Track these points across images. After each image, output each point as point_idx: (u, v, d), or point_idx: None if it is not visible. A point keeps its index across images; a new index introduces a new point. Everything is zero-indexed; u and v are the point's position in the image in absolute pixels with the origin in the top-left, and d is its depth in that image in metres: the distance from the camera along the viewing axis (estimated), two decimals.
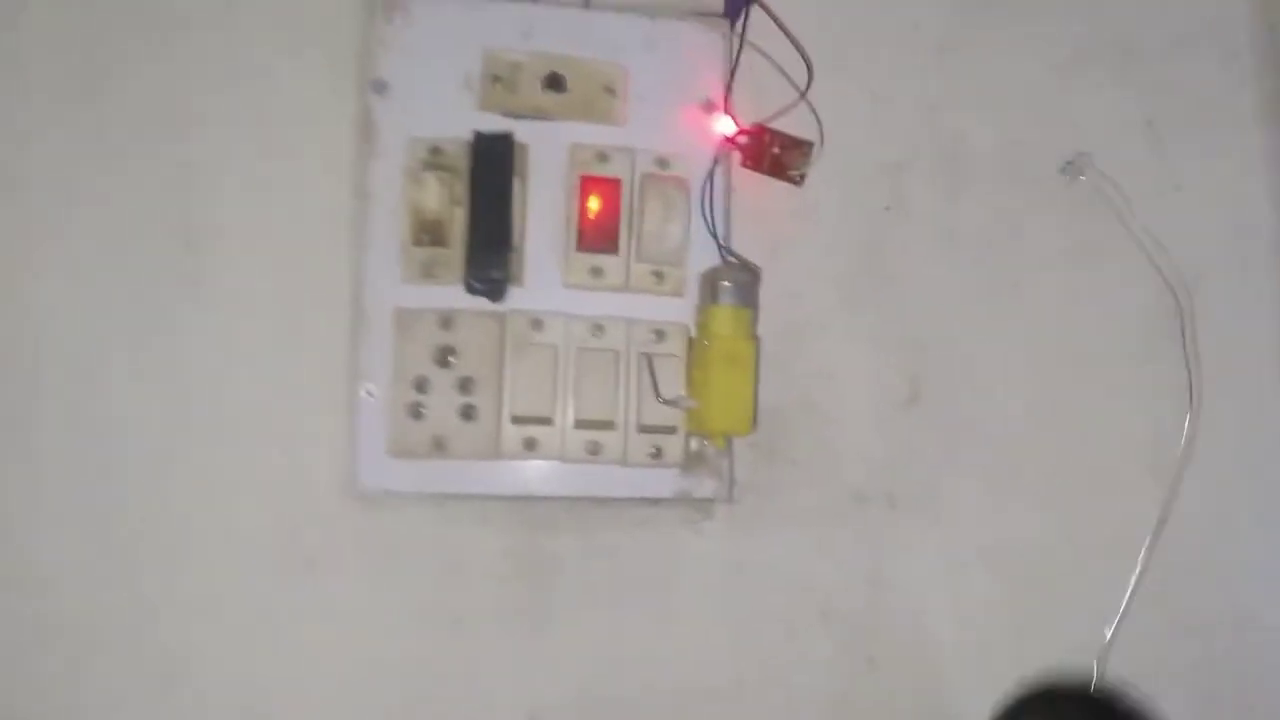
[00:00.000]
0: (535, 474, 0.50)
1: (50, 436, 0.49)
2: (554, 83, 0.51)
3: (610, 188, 0.50)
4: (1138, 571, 0.56)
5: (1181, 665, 0.56)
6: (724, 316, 0.49)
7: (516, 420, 0.49)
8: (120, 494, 0.50)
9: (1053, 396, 0.57)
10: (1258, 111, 0.61)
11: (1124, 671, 0.55)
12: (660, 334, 0.50)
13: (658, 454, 0.50)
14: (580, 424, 0.49)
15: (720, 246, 0.52)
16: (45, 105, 0.51)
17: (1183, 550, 0.56)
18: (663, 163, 0.51)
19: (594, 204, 0.50)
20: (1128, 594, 0.55)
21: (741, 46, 0.53)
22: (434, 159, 0.49)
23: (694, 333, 0.51)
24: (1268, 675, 0.58)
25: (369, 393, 0.49)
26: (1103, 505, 0.57)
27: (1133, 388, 0.58)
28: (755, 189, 0.54)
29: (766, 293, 0.53)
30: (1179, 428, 0.57)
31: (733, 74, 0.53)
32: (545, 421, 0.49)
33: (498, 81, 0.50)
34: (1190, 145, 0.60)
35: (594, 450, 0.49)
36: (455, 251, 0.49)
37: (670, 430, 0.50)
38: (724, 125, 0.52)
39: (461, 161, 0.49)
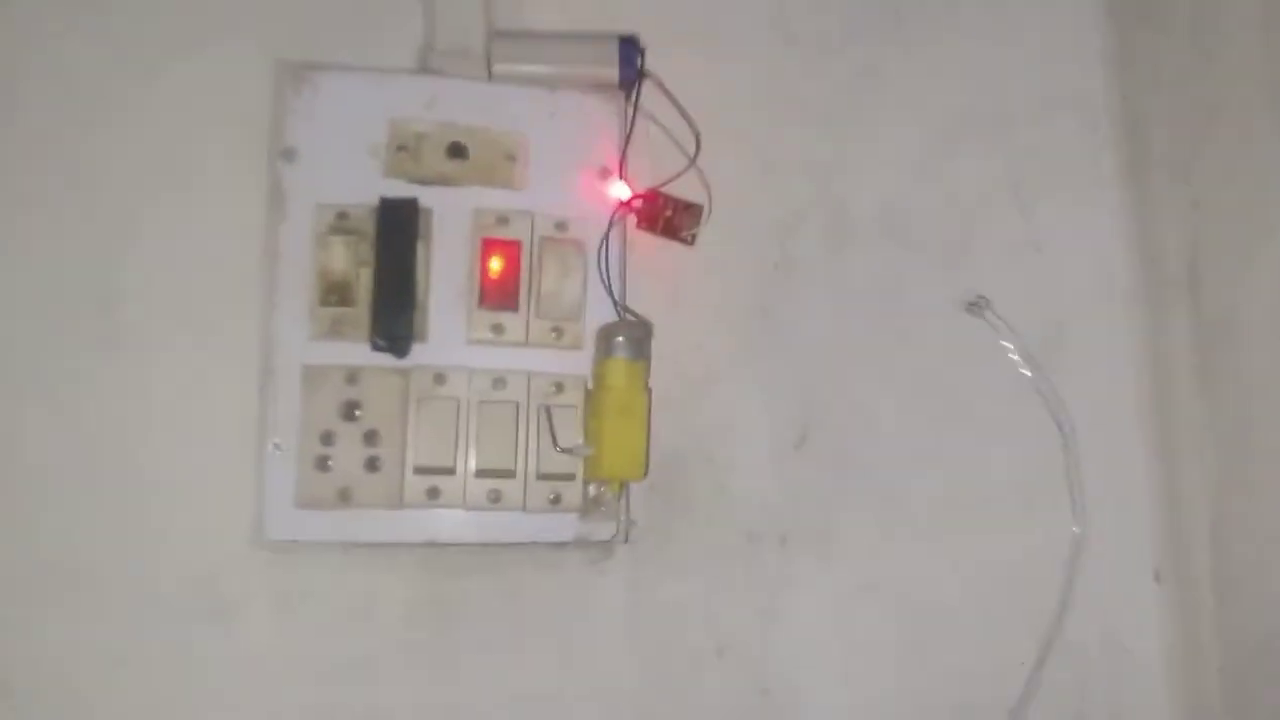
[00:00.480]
0: (439, 522, 0.52)
1: None
2: (457, 151, 0.54)
3: (511, 249, 0.53)
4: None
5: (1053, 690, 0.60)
6: (618, 369, 0.52)
7: (420, 470, 0.51)
8: (32, 545, 0.51)
9: (935, 438, 0.61)
10: (1115, 173, 0.66)
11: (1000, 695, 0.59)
12: (559, 386, 0.53)
13: (557, 500, 0.53)
14: (482, 473, 0.52)
15: (615, 303, 0.55)
16: None
17: (1048, 578, 0.61)
18: (561, 225, 0.55)
19: (495, 264, 0.53)
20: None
21: (635, 117, 0.57)
22: (341, 223, 0.52)
23: (590, 384, 0.54)
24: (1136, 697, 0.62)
25: (276, 446, 0.51)
26: (982, 540, 0.60)
27: (1009, 429, 0.62)
28: (650, 249, 0.58)
29: (664, 344, 0.56)
30: (1051, 467, 0.62)
31: (627, 142, 0.56)
32: (448, 471, 0.51)
33: (403, 150, 0.53)
34: (1052, 206, 0.65)
35: (495, 498, 0.52)
36: (361, 310, 0.51)
37: (569, 477, 0.53)
38: (619, 190, 0.56)
39: (367, 225, 0.52)
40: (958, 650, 0.59)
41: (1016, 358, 0.61)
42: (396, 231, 0.51)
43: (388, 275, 0.51)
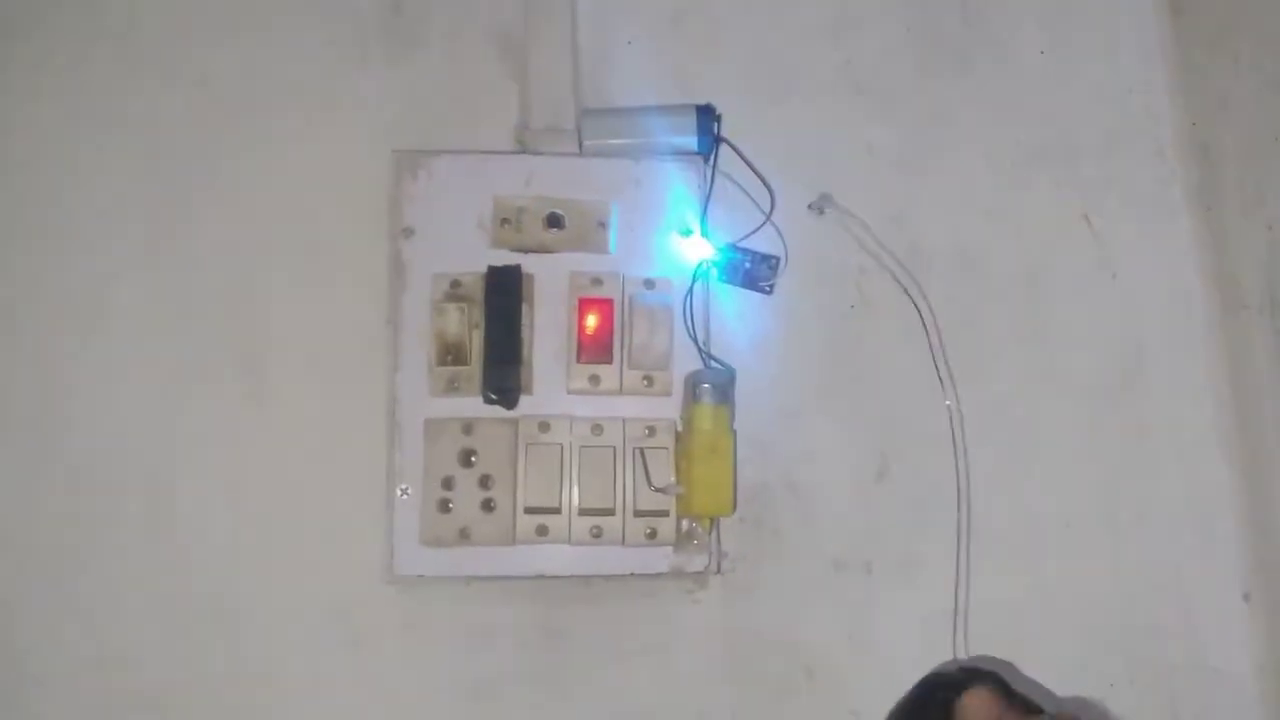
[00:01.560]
0: (547, 556, 0.57)
1: (132, 536, 0.58)
2: (554, 221, 0.60)
3: (605, 307, 0.59)
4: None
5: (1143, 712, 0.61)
6: (705, 414, 0.56)
7: (529, 510, 0.57)
8: (193, 585, 0.58)
9: (1008, 465, 0.63)
10: (1186, 200, 0.67)
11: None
12: (651, 430, 0.58)
13: (653, 534, 0.57)
14: (584, 511, 0.57)
15: (701, 352, 0.59)
16: (126, 251, 0.61)
17: (1137, 603, 0.62)
18: (649, 283, 0.60)
19: (591, 321, 0.59)
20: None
21: (714, 179, 0.61)
22: (454, 291, 0.58)
23: (680, 427, 0.59)
24: None
25: (404, 491, 0.57)
26: (1065, 564, 0.62)
27: (1086, 454, 0.64)
28: (731, 299, 0.62)
29: (749, 386, 0.60)
30: (1129, 487, 0.63)
31: (707, 203, 0.61)
32: (554, 511, 0.57)
33: (506, 223, 0.59)
34: (1125, 234, 0.67)
35: (597, 534, 0.57)
36: (474, 368, 0.57)
37: (663, 514, 0.57)
38: (701, 247, 0.61)
39: (477, 292, 0.58)
40: (1045, 674, 0.61)
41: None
42: (503, 296, 0.57)
43: (496, 335, 0.57)
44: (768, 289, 0.62)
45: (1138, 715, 0.61)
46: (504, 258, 0.59)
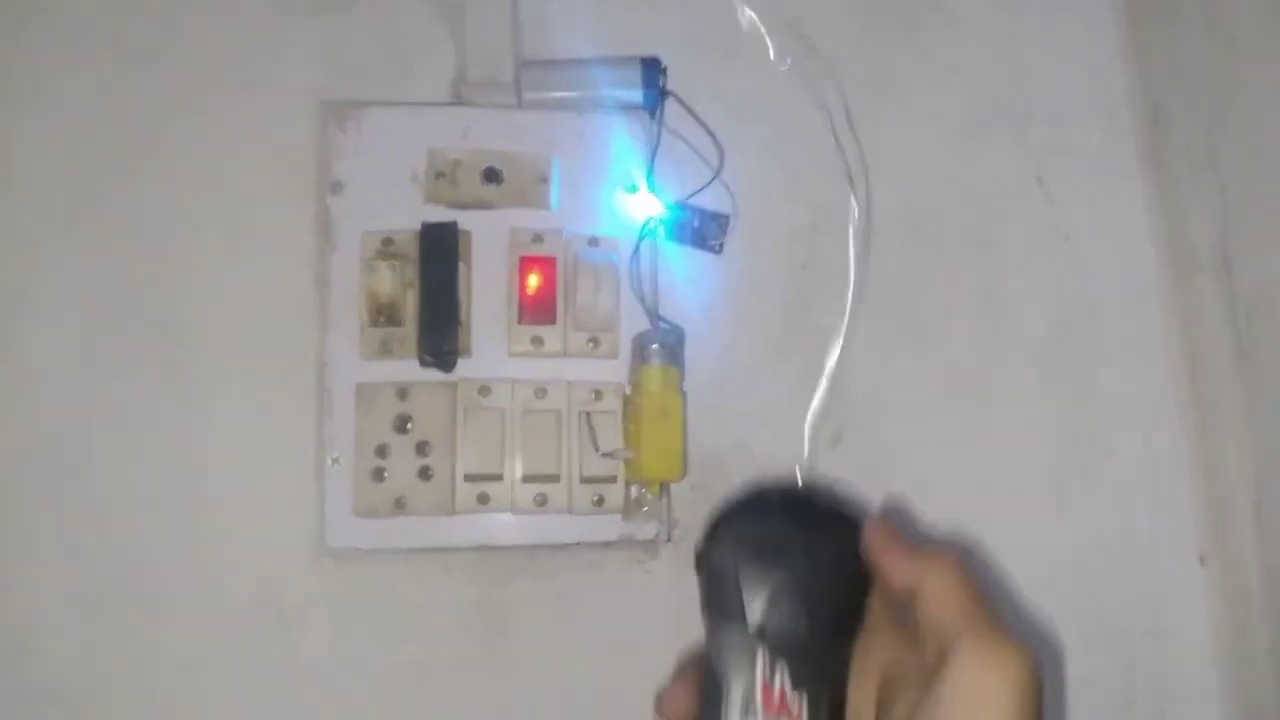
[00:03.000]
0: (489, 526, 0.55)
1: (40, 514, 0.54)
2: (491, 175, 0.57)
3: (546, 265, 0.56)
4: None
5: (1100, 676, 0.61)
6: (654, 375, 0.54)
7: (469, 478, 0.54)
8: (108, 565, 0.54)
9: (963, 430, 0.62)
10: (1139, 161, 0.67)
11: None
12: (598, 393, 0.56)
13: (600, 502, 0.55)
14: (528, 478, 0.54)
15: (649, 312, 0.57)
16: (36, 216, 0.57)
17: (1091, 567, 0.61)
18: (593, 241, 0.57)
19: (533, 281, 0.56)
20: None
21: (660, 134, 0.59)
22: (386, 249, 0.55)
23: (628, 390, 0.56)
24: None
25: (335, 460, 0.54)
26: (1019, 531, 0.61)
27: (1038, 417, 0.63)
28: (679, 259, 0.60)
29: (698, 349, 0.59)
30: (1082, 450, 0.62)
31: (653, 158, 0.59)
32: (496, 478, 0.54)
33: (441, 177, 0.57)
34: (1078, 196, 0.66)
35: (541, 501, 0.54)
36: (409, 330, 0.54)
37: (611, 480, 0.55)
38: (647, 204, 0.58)
39: (411, 249, 0.55)
40: None
41: None
42: (438, 254, 0.54)
43: (432, 295, 0.54)
44: (717, 248, 0.60)
45: (1094, 679, 0.60)
46: (439, 214, 0.56)
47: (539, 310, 0.56)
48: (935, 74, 0.66)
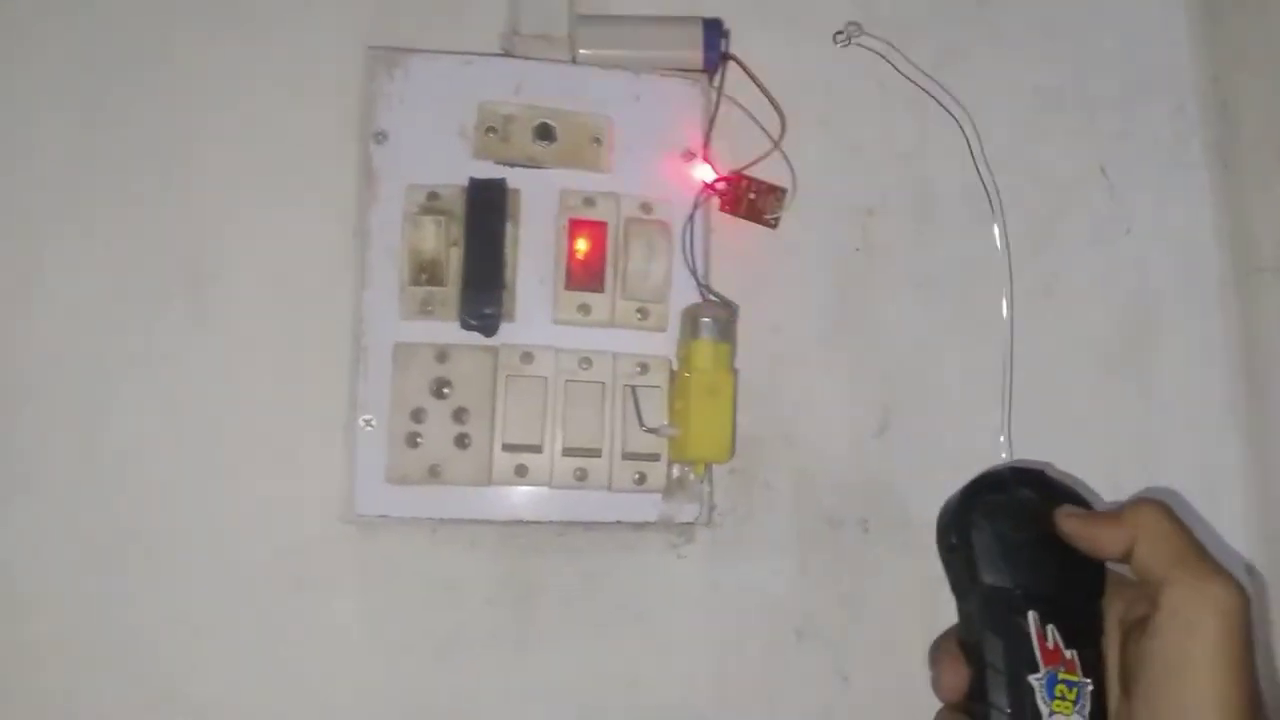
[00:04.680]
0: (525, 499, 0.52)
1: (54, 465, 0.52)
2: (544, 133, 0.54)
3: (597, 230, 0.54)
4: None
5: None
6: (704, 351, 0.52)
7: (508, 448, 0.52)
8: (123, 520, 0.52)
9: (1017, 424, 0.60)
10: (1205, 156, 0.64)
11: None
12: (644, 367, 0.53)
13: (641, 480, 0.53)
14: (568, 451, 0.52)
15: (700, 285, 0.55)
16: (55, 148, 0.54)
17: None
18: (646, 207, 0.55)
19: (582, 245, 0.53)
20: None
21: (719, 100, 0.57)
22: (431, 204, 0.52)
23: (675, 366, 0.54)
24: None
25: (368, 422, 0.51)
26: None
27: (1092, 414, 0.61)
28: (733, 232, 0.58)
29: (747, 327, 0.56)
30: (1135, 450, 0.60)
31: (711, 125, 0.56)
32: (535, 449, 0.52)
33: (491, 132, 0.54)
34: (1141, 188, 0.64)
35: (581, 476, 0.52)
36: (451, 290, 0.52)
37: (654, 458, 0.53)
38: (703, 173, 0.56)
39: (457, 206, 0.52)
40: None
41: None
42: (486, 211, 0.52)
43: (477, 254, 0.51)
44: (773, 222, 0.58)
45: None
46: (487, 170, 0.53)
47: (587, 276, 0.53)
48: (1002, 51, 0.63)
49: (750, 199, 0.57)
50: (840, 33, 0.59)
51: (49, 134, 0.54)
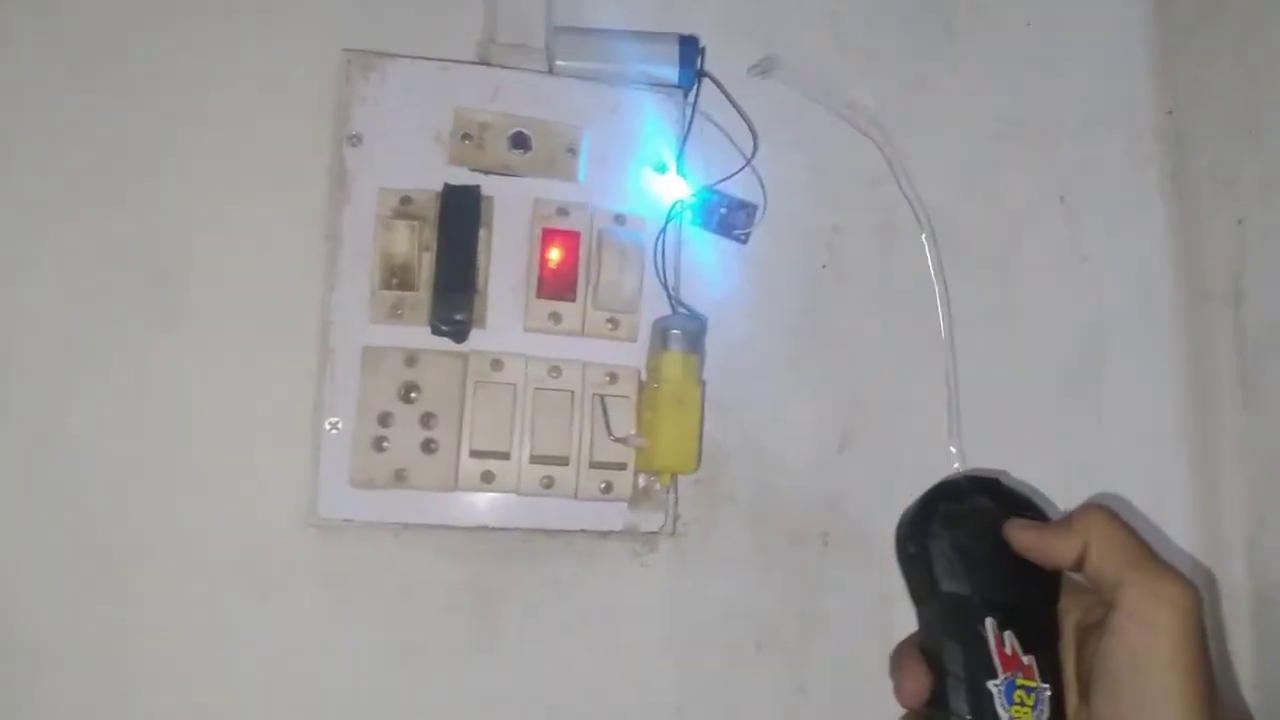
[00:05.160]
0: (491, 505, 0.52)
1: (14, 468, 0.51)
2: (519, 141, 0.55)
3: (570, 240, 0.54)
4: None
5: None
6: (673, 362, 0.52)
7: (475, 454, 0.52)
8: (82, 521, 0.51)
9: (972, 443, 0.61)
10: (1160, 187, 0.66)
11: None
12: (613, 376, 0.54)
13: (608, 489, 0.53)
14: (536, 459, 0.52)
15: (671, 297, 0.55)
16: (25, 147, 0.53)
17: None
18: (619, 219, 0.55)
19: (554, 254, 0.54)
20: None
21: (694, 116, 0.57)
22: (404, 208, 0.52)
23: (645, 376, 0.54)
24: None
25: (334, 425, 0.51)
26: None
27: (1043, 437, 0.62)
28: (704, 246, 0.58)
29: (714, 341, 0.57)
30: (1085, 473, 0.62)
31: (685, 140, 0.57)
32: (502, 456, 0.52)
33: (467, 138, 0.54)
34: (1098, 217, 0.66)
35: (548, 484, 0.52)
36: (422, 295, 0.52)
37: (621, 467, 0.53)
38: (676, 186, 0.56)
39: (430, 211, 0.52)
40: None
41: None
42: (459, 217, 0.52)
43: (449, 260, 0.51)
44: (743, 237, 0.59)
45: None
46: (462, 176, 0.53)
47: (559, 285, 0.54)
48: (968, 80, 0.65)
49: (722, 214, 0.58)
50: (755, 66, 0.60)
51: (19, 133, 0.53)
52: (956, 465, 0.58)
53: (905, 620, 0.58)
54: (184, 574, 0.51)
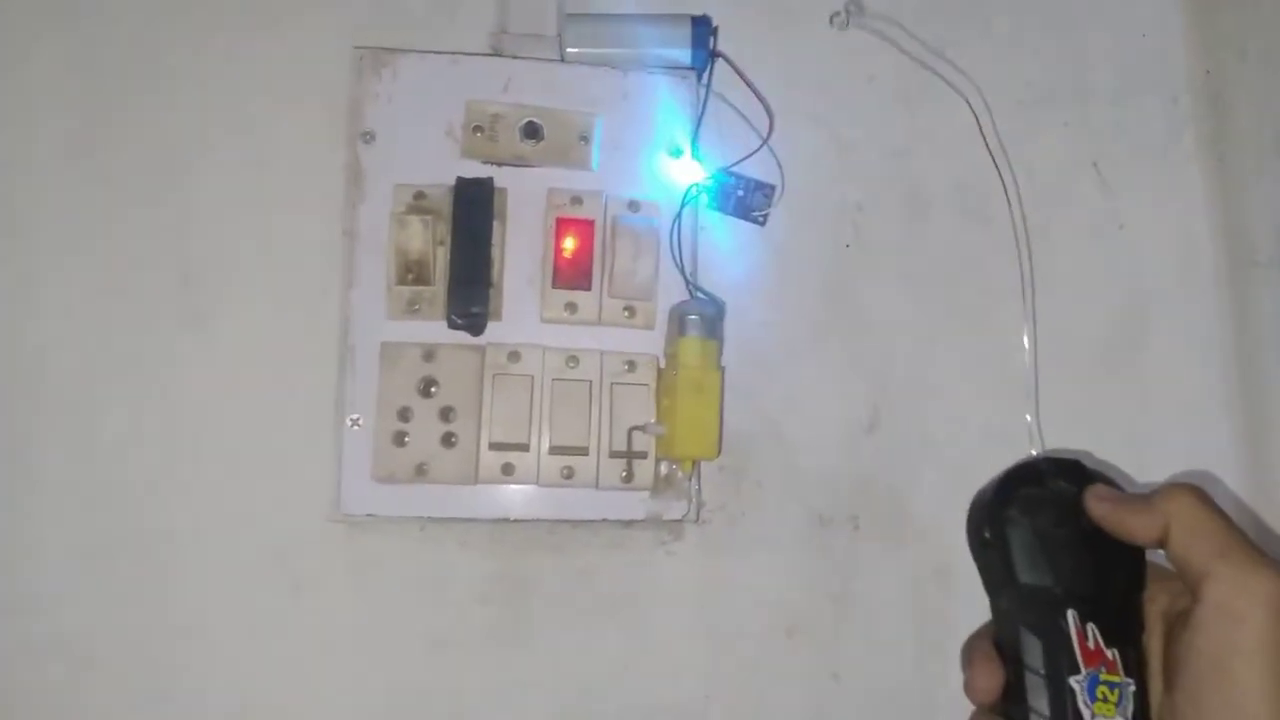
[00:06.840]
0: (512, 498, 0.52)
1: (48, 464, 0.52)
2: (532, 131, 0.54)
3: (584, 228, 0.54)
4: None
5: None
6: (691, 348, 0.52)
7: (495, 447, 0.52)
8: (115, 519, 0.52)
9: (1005, 420, 0.60)
10: (1198, 150, 0.64)
11: None
12: (631, 365, 0.53)
13: (629, 477, 0.53)
14: (555, 450, 0.52)
15: (688, 283, 0.55)
16: (50, 151, 0.54)
17: None
18: (634, 205, 0.55)
19: (569, 244, 0.53)
20: None
21: (707, 97, 0.56)
22: (418, 203, 0.52)
23: (663, 363, 0.54)
24: None
25: (355, 421, 0.52)
26: None
27: (1086, 409, 0.60)
28: (721, 230, 0.58)
29: (735, 325, 0.56)
30: (1128, 443, 0.60)
31: (699, 123, 0.56)
32: (522, 448, 0.52)
33: (478, 131, 0.54)
34: (1134, 183, 0.63)
35: (568, 475, 0.52)
36: (438, 289, 0.52)
37: (641, 455, 0.53)
38: (691, 170, 0.56)
39: (444, 205, 0.52)
40: None
41: None
42: (473, 211, 0.52)
43: (464, 253, 0.51)
44: (761, 219, 0.58)
45: None
46: (475, 169, 0.53)
47: (574, 275, 0.53)
48: (994, 46, 0.63)
49: (739, 196, 0.57)
50: (838, 14, 0.58)
51: (41, 137, 0.54)
52: (1033, 449, 0.57)
53: (939, 604, 0.58)
54: (218, 571, 0.52)
